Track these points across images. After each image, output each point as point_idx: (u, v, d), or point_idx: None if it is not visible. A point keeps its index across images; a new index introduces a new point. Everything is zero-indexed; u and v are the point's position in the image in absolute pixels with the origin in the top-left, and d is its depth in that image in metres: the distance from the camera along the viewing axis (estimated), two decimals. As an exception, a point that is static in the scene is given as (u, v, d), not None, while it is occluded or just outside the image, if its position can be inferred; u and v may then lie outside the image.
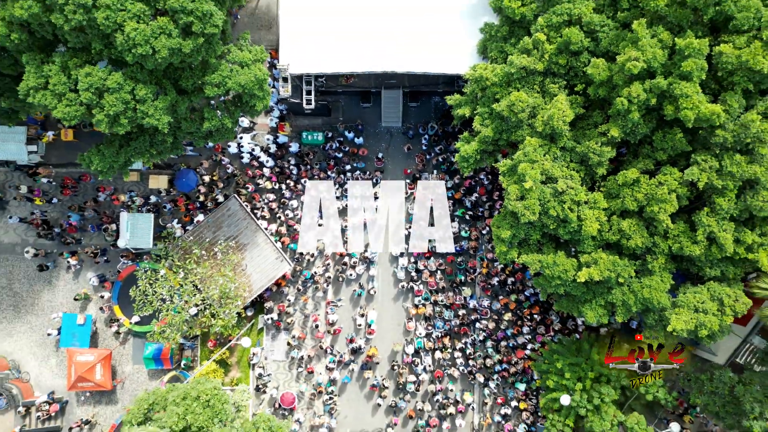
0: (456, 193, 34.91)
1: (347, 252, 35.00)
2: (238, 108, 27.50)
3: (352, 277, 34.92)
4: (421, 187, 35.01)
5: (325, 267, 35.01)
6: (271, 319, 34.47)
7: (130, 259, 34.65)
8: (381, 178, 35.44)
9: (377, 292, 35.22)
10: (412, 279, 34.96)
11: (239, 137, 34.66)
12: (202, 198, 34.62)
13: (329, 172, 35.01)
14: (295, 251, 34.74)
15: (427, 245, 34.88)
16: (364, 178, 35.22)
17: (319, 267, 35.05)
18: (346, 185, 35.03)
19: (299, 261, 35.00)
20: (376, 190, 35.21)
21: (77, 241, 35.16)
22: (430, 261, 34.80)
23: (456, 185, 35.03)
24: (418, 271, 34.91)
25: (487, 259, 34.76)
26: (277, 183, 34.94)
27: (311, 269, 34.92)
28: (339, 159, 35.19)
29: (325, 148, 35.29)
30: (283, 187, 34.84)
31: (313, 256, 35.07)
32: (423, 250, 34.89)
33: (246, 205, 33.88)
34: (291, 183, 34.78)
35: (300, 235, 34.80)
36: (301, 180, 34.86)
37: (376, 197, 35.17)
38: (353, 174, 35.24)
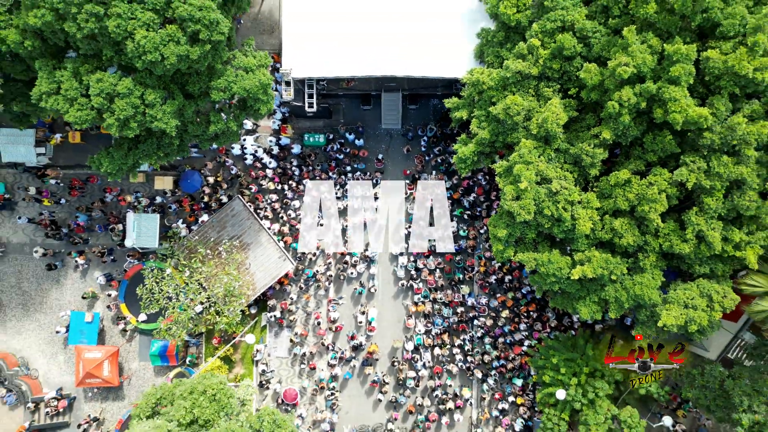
0: (454, 193, 34.98)
1: (348, 251, 35.10)
2: (243, 112, 27.71)
3: (353, 275, 35.10)
4: (421, 187, 35.00)
5: (326, 266, 35.11)
6: (274, 316, 34.65)
7: (137, 259, 34.84)
8: (381, 178, 35.51)
9: (377, 291, 35.38)
10: (412, 277, 35.09)
11: (243, 139, 34.81)
12: (206, 198, 34.81)
13: (330, 173, 35.10)
14: (299, 250, 34.91)
15: (427, 245, 34.94)
16: (365, 179, 35.31)
17: (320, 266, 35.16)
18: (346, 186, 35.15)
19: (301, 260, 35.15)
20: (376, 191, 35.28)
21: (85, 241, 35.38)
22: (429, 260, 34.89)
23: (454, 185, 35.11)
24: (417, 270, 35.01)
25: (485, 257, 34.81)
26: (279, 184, 35.07)
27: (313, 268, 35.08)
28: (340, 160, 35.27)
29: (327, 149, 35.43)
30: (286, 187, 34.98)
31: (315, 255, 35.17)
32: (423, 249, 34.91)
33: (249, 206, 34.05)
34: (293, 184, 34.93)
35: (301, 235, 34.89)
36: (303, 181, 34.96)
37: (376, 197, 35.26)
38: (354, 175, 35.32)
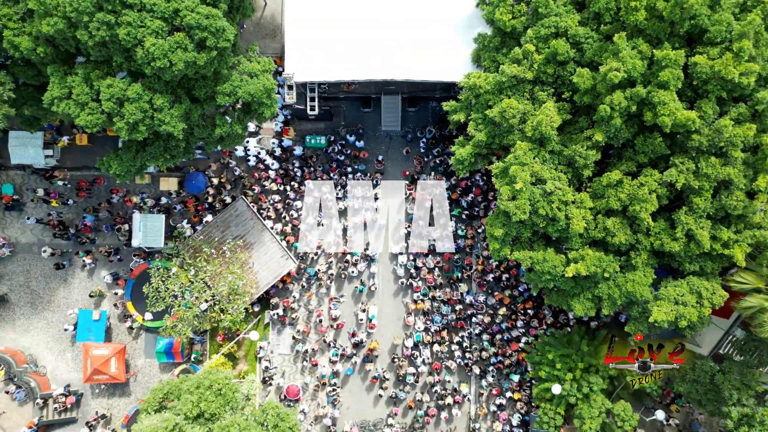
0: (453, 193, 35.39)
1: (349, 250, 35.54)
2: (248, 115, 28.21)
3: (353, 274, 35.60)
4: (421, 187, 35.39)
5: (328, 265, 35.57)
6: (276, 314, 35.08)
7: (142, 258, 35.29)
8: (381, 179, 35.94)
9: (378, 289, 35.86)
10: (411, 276, 35.55)
11: (246, 141, 35.25)
12: (210, 199, 35.21)
13: (332, 174, 35.56)
14: (301, 249, 35.36)
15: (427, 244, 35.35)
16: (365, 180, 35.75)
17: (322, 265, 35.63)
18: (347, 186, 35.58)
19: (303, 259, 35.67)
20: (377, 191, 35.70)
21: (92, 241, 35.84)
22: (428, 258, 35.34)
23: (452, 186, 35.50)
24: (416, 269, 35.46)
25: (483, 256, 35.25)
26: (282, 185, 35.55)
27: (315, 267, 35.56)
28: (341, 161, 35.70)
29: (328, 151, 35.88)
30: (288, 188, 35.44)
31: (316, 254, 35.69)
32: (422, 249, 35.34)
33: (252, 206, 34.55)
34: (295, 185, 35.44)
35: (302, 235, 35.40)
36: (305, 182, 35.42)
37: (377, 198, 35.70)
38: (354, 176, 35.76)
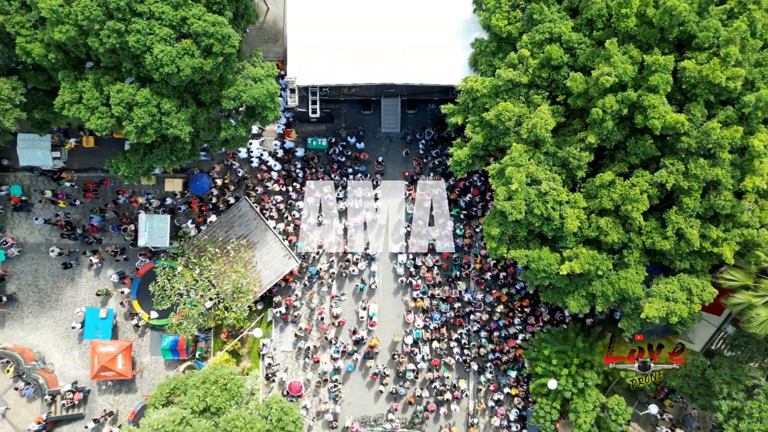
0: (451, 193, 35.95)
1: (350, 250, 36.14)
2: (252, 118, 28.82)
3: (354, 273, 36.12)
4: (420, 188, 35.93)
5: (329, 263, 36.16)
6: (279, 312, 35.65)
7: (148, 257, 35.92)
8: (381, 180, 36.52)
9: (378, 287, 36.44)
10: (411, 274, 36.12)
11: (249, 143, 35.79)
12: (214, 200, 35.81)
13: (332, 175, 36.15)
14: (302, 249, 35.96)
15: (426, 243, 35.89)
16: (365, 180, 36.30)
17: (323, 263, 36.26)
18: (348, 187, 36.14)
19: (305, 258, 36.26)
20: (377, 192, 36.30)
21: (98, 241, 36.46)
22: (427, 257, 35.93)
23: (451, 186, 36.05)
24: (416, 267, 36.06)
25: (481, 255, 35.82)
26: (284, 185, 36.15)
27: (317, 266, 36.17)
28: (342, 163, 36.29)
29: (329, 152, 36.46)
30: (290, 189, 36.04)
31: (318, 253, 36.30)
32: (422, 248, 35.86)
33: (256, 206, 35.11)
34: (297, 185, 36.04)
35: (303, 234, 35.93)
36: (306, 182, 36.07)
37: (377, 198, 36.29)
38: (355, 176, 36.33)
